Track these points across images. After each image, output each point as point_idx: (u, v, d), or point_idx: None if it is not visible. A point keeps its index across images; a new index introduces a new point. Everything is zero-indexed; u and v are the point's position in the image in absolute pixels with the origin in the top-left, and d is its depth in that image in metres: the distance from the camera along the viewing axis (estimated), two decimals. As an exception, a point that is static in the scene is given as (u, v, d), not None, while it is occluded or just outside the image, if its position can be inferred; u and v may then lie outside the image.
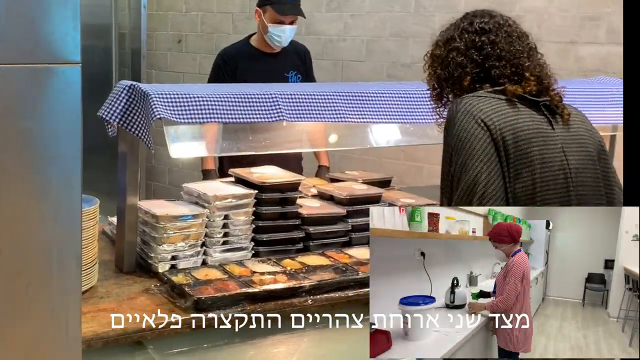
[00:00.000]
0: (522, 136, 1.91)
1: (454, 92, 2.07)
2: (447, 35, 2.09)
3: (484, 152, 1.87)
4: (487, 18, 2.05)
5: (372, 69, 5.42)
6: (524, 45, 2.04)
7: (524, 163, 1.90)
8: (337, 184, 3.26)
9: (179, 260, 2.59)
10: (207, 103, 2.50)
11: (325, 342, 2.42)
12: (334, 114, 2.74)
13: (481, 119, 1.90)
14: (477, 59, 2.01)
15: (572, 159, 1.98)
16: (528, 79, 1.98)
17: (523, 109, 1.96)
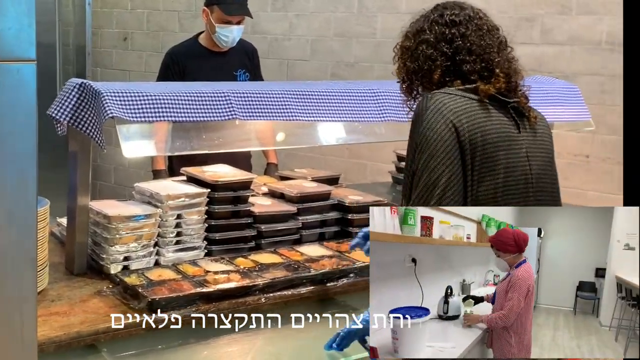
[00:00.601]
0: (490, 140, 1.86)
1: (424, 85, 1.99)
2: (416, 27, 2.01)
3: (448, 155, 1.82)
4: (457, 10, 1.98)
5: (317, 68, 5.38)
6: (494, 39, 1.97)
7: (489, 167, 1.86)
8: (288, 181, 3.20)
9: (132, 261, 2.49)
10: (160, 102, 2.42)
11: (279, 340, 2.37)
12: (286, 112, 2.69)
13: (450, 120, 1.84)
14: (448, 52, 1.93)
15: (534, 164, 1.94)
16: (498, 76, 1.91)
17: (493, 112, 1.90)
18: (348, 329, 2.09)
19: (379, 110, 2.93)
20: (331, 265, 2.60)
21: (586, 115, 3.65)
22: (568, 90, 3.58)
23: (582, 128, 3.82)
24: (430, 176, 1.82)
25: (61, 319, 2.13)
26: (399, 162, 3.61)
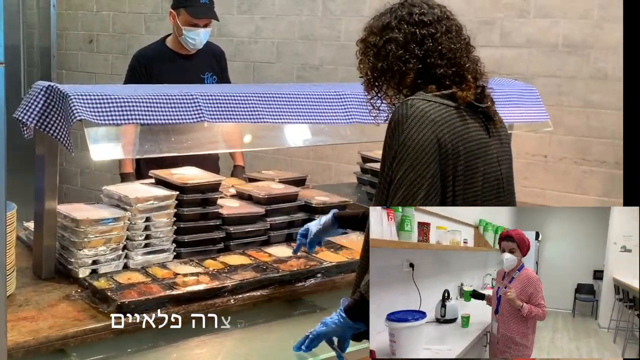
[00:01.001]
0: (470, 149, 1.82)
1: (391, 86, 1.92)
2: (382, 22, 1.92)
3: (428, 168, 1.76)
4: (426, 9, 1.91)
5: (283, 71, 5.36)
6: (462, 41, 1.91)
7: (470, 176, 1.82)
8: (255, 183, 3.18)
9: (100, 264, 2.44)
10: (129, 104, 2.37)
11: (248, 341, 2.35)
12: (254, 115, 2.67)
13: (433, 131, 1.78)
14: (419, 53, 1.86)
15: (503, 167, 1.92)
16: (468, 81, 1.86)
17: (469, 119, 1.85)
18: (317, 331, 2.05)
19: (344, 112, 2.92)
20: (299, 266, 2.59)
21: (544, 116, 3.69)
22: (527, 92, 3.61)
23: (541, 129, 3.86)
24: (409, 189, 1.76)
25: (29, 324, 2.08)
26: (364, 163, 3.61)
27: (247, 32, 5.50)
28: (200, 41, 3.76)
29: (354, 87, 3.23)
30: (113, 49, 6.06)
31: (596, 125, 4.47)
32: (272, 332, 2.39)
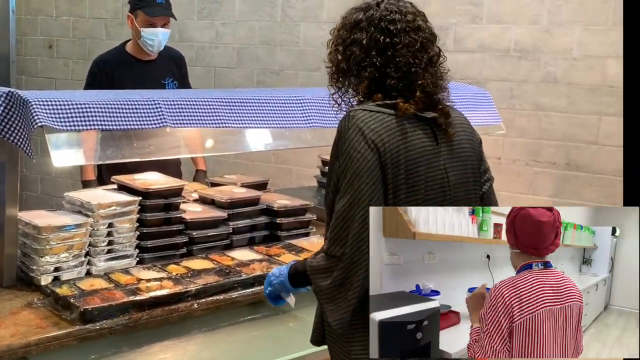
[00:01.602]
0: (410, 157, 1.82)
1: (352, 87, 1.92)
2: (355, 18, 1.89)
3: (371, 175, 1.78)
4: (397, 16, 1.86)
5: (243, 76, 5.32)
6: (424, 56, 1.86)
7: (411, 184, 1.82)
8: (218, 188, 3.15)
9: (63, 271, 2.39)
10: (90, 110, 2.33)
11: (212, 345, 2.32)
12: (216, 119, 2.64)
13: (372, 140, 1.79)
14: (377, 62, 1.84)
15: (451, 175, 1.90)
16: (417, 98, 1.85)
17: (412, 127, 1.85)
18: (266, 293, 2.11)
19: (304, 116, 2.91)
20: (261, 269, 2.56)
21: (497, 120, 3.73)
22: (480, 96, 3.64)
23: (494, 132, 3.90)
24: (353, 195, 1.78)
25: (-9, 332, 2.02)
26: (324, 167, 3.60)
27: (208, 37, 5.45)
28: (159, 42, 3.68)
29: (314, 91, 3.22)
30: (73, 54, 5.95)
31: (547, 127, 4.53)
32: (235, 335, 2.36)
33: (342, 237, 1.80)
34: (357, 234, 1.78)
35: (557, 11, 4.44)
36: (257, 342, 2.39)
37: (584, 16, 4.38)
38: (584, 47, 4.40)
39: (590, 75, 4.39)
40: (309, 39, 5.10)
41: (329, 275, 1.83)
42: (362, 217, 1.77)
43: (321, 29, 4.98)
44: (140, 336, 2.22)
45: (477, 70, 4.66)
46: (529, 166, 4.58)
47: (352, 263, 1.79)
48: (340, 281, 1.81)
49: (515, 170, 4.61)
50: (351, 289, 1.80)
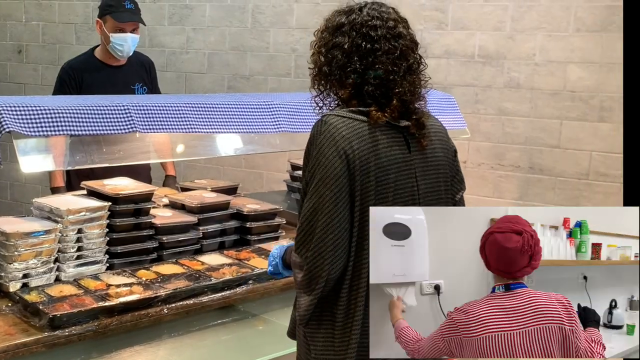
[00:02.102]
0: (381, 164, 1.82)
1: (333, 91, 1.91)
2: (338, 21, 1.87)
3: (337, 182, 1.78)
4: (378, 23, 1.84)
5: (214, 81, 5.30)
6: (403, 64, 1.85)
7: (379, 191, 1.81)
8: (188, 192, 3.12)
9: (31, 278, 2.34)
10: (59, 115, 2.30)
11: (182, 349, 2.30)
12: (186, 125, 2.62)
13: (342, 147, 1.78)
14: (359, 68, 1.83)
15: (422, 183, 1.89)
16: (393, 106, 1.83)
17: (384, 134, 1.83)
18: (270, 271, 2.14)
19: (273, 121, 2.90)
20: (231, 273, 2.55)
21: (462, 124, 3.75)
22: (445, 101, 3.66)
23: (459, 136, 3.92)
24: (318, 201, 1.79)
25: (-42, 340, 1.98)
26: (293, 171, 3.59)
27: (178, 42, 5.41)
28: (128, 47, 3.64)
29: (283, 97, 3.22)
30: (43, 59, 5.86)
31: (510, 132, 4.57)
32: (205, 339, 2.34)
33: (306, 240, 1.83)
34: (319, 240, 1.79)
35: (520, 18, 4.49)
36: (226, 346, 2.37)
37: (546, 23, 4.43)
38: (546, 53, 4.45)
39: (552, 80, 4.44)
40: (279, 45, 5.09)
41: (301, 271, 1.86)
42: (325, 223, 1.78)
43: (291, 34, 4.98)
44: (109, 342, 2.19)
45: (443, 75, 4.69)
46: (494, 170, 4.62)
47: (313, 267, 1.81)
48: (307, 280, 1.84)
49: (480, 174, 4.65)
50: (315, 289, 1.83)
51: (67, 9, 5.76)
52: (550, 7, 4.42)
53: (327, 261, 1.79)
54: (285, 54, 5.03)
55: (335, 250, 1.79)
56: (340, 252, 1.80)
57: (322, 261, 1.79)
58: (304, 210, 1.84)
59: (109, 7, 3.62)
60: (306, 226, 1.82)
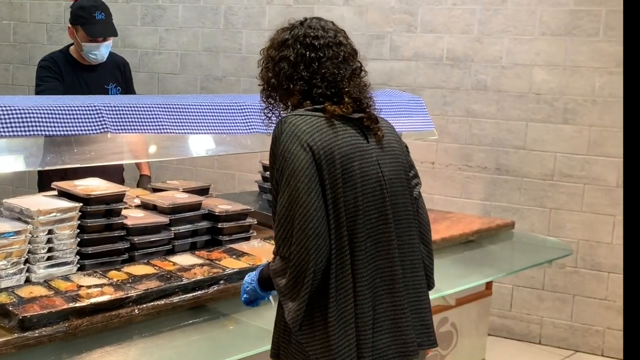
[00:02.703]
0: (344, 152, 1.87)
1: (281, 100, 2.01)
2: (282, 38, 1.97)
3: (306, 173, 1.82)
4: (320, 32, 1.96)
5: (187, 82, 5.26)
6: (348, 67, 1.96)
7: (347, 178, 1.87)
8: (160, 193, 3.08)
9: (1, 279, 2.29)
10: (30, 116, 2.26)
11: (153, 350, 2.27)
12: (157, 125, 2.60)
13: (305, 140, 1.84)
14: (305, 75, 1.92)
15: (385, 170, 1.95)
16: (345, 103, 1.92)
17: (341, 127, 1.91)
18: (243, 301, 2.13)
19: (245, 122, 2.89)
20: (202, 274, 2.52)
21: (429, 126, 3.77)
22: (413, 103, 3.67)
23: (427, 137, 3.95)
24: (292, 194, 1.82)
25: None
26: (265, 172, 3.58)
27: (151, 43, 5.36)
28: (101, 55, 3.60)
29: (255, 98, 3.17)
30: (14, 58, 5.77)
31: (477, 133, 4.61)
32: (176, 340, 2.32)
33: (287, 237, 1.84)
34: (300, 231, 1.80)
35: (487, 21, 4.53)
36: (198, 346, 2.35)
37: (513, 27, 4.48)
38: (512, 56, 4.50)
39: (518, 83, 4.49)
40: (251, 46, 5.07)
41: (285, 275, 1.86)
42: (303, 215, 1.80)
43: (263, 36, 4.96)
44: (80, 343, 2.15)
45: (412, 77, 4.71)
46: (461, 170, 4.65)
47: (299, 260, 1.81)
48: (294, 280, 1.83)
49: (448, 175, 4.68)
50: (304, 286, 1.82)
51: (39, 8, 5.68)
52: (516, 11, 4.47)
53: (312, 251, 1.80)
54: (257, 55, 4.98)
55: (317, 239, 1.81)
56: (322, 240, 1.82)
57: (307, 252, 1.80)
58: (278, 208, 1.85)
59: (80, 18, 3.55)
60: (284, 222, 1.83)
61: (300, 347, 1.89)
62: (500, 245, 3.70)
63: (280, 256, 1.87)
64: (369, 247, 1.91)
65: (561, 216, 4.46)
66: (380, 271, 1.94)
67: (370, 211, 1.91)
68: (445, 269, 3.27)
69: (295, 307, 1.85)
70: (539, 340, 4.62)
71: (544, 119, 4.45)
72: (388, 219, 1.94)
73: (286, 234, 1.84)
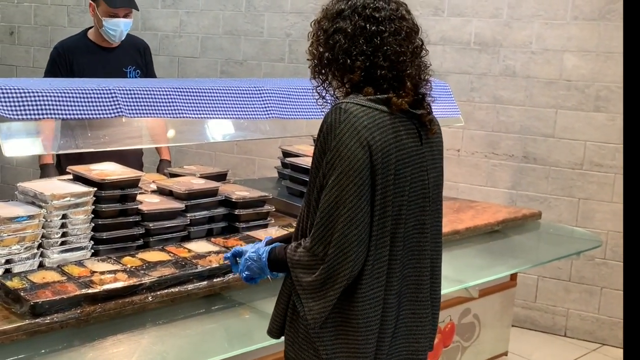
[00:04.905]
0: (400, 157, 1.75)
1: (336, 78, 1.80)
2: (337, 8, 1.78)
3: (360, 175, 1.69)
4: (380, 4, 1.76)
5: (207, 65, 5.23)
6: (411, 44, 1.77)
7: (398, 184, 1.75)
8: (176, 178, 3.06)
9: (14, 264, 2.29)
10: (43, 98, 2.24)
11: (166, 338, 2.25)
12: (173, 109, 2.57)
13: (365, 138, 1.69)
14: (367, 50, 1.73)
15: (431, 177, 1.85)
16: (407, 88, 1.76)
17: (402, 126, 1.76)
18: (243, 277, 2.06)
19: (264, 107, 2.85)
20: (218, 261, 2.50)
21: (456, 112, 3.70)
22: (439, 88, 3.59)
23: (453, 124, 3.88)
24: (340, 194, 1.69)
25: (-64, 327, 1.93)
26: (284, 158, 3.54)
27: (172, 26, 5.34)
28: (121, 32, 3.58)
29: (275, 82, 3.16)
30: (35, 41, 5.79)
31: (505, 120, 4.53)
32: (190, 328, 2.30)
33: (326, 236, 1.72)
34: (342, 235, 1.70)
35: (517, 5, 4.44)
36: (212, 335, 2.33)
37: (543, 10, 4.37)
38: (542, 41, 4.40)
39: (548, 69, 4.39)
40: (273, 30, 5.02)
41: (311, 272, 1.75)
42: (348, 218, 1.69)
43: (285, 19, 4.92)
44: (92, 329, 2.14)
45: (438, 62, 4.64)
46: (488, 158, 4.57)
47: (335, 264, 1.71)
48: (323, 280, 1.74)
49: (474, 162, 4.61)
50: (332, 289, 1.73)
51: (60, -10, 5.69)
52: (547, -6, 4.36)
53: (351, 257, 1.70)
54: (279, 38, 4.97)
55: (358, 246, 1.71)
56: (363, 248, 1.72)
57: (345, 258, 1.70)
58: (322, 205, 1.73)
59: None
60: (325, 221, 1.71)
61: (309, 340, 1.82)
62: (527, 235, 3.63)
63: (313, 253, 1.75)
64: (401, 256, 1.81)
65: (590, 206, 4.37)
66: (408, 279, 1.85)
67: (410, 219, 1.81)
68: (469, 260, 3.22)
69: (319, 307, 1.76)
70: (564, 333, 4.55)
71: (575, 106, 4.35)
72: (425, 229, 1.84)
73: (325, 233, 1.72)
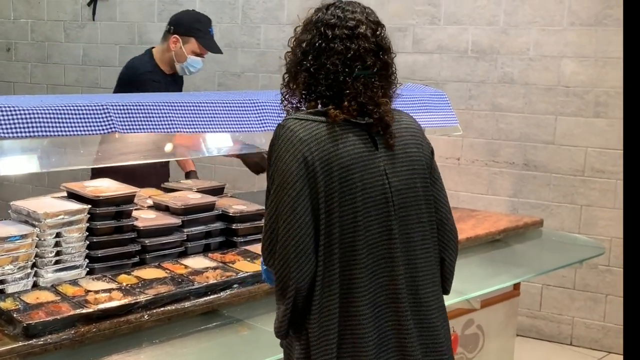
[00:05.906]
0: (343, 164, 1.74)
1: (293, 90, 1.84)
2: (307, 19, 1.83)
3: (294, 187, 1.71)
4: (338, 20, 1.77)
5: (205, 78, 5.21)
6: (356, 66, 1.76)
7: (345, 191, 1.74)
8: (172, 193, 3.02)
9: (7, 284, 2.25)
10: (34, 116, 2.21)
11: (163, 357, 2.21)
12: (167, 124, 2.53)
13: (299, 150, 1.72)
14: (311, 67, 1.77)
15: (394, 180, 1.81)
16: (345, 106, 1.76)
17: (343, 134, 1.77)
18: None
19: (259, 120, 2.82)
20: (215, 277, 2.45)
21: (453, 121, 3.66)
22: (436, 97, 3.57)
23: (451, 133, 3.84)
24: (277, 207, 1.73)
25: None
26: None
27: (168, 39, 5.32)
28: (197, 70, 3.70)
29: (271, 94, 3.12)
30: (32, 57, 5.77)
31: (504, 128, 4.49)
32: (187, 347, 2.25)
33: (271, 249, 1.77)
34: (282, 247, 1.73)
35: (514, 12, 4.41)
36: (210, 353, 2.28)
37: (540, 17, 4.35)
38: (540, 48, 4.37)
39: (546, 75, 4.36)
40: (270, 41, 5.00)
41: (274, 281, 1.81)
42: (285, 229, 1.72)
43: (282, 30, 4.89)
44: (87, 350, 2.10)
45: (435, 71, 4.61)
46: (488, 166, 4.54)
47: (282, 275, 1.75)
48: (280, 290, 1.77)
49: (474, 171, 4.57)
50: (286, 299, 1.76)
51: (56, 6, 5.67)
52: (544, 0, 4.34)
53: (293, 269, 1.72)
54: (276, 50, 4.95)
55: (299, 257, 1.72)
56: (304, 258, 1.73)
57: (288, 269, 1.73)
58: (264, 218, 1.79)
59: (197, 31, 3.59)
60: (270, 234, 1.76)
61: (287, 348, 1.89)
62: (529, 244, 3.59)
63: (267, 264, 1.81)
64: (369, 264, 1.78)
65: (593, 213, 4.33)
66: (384, 289, 1.81)
67: (372, 226, 1.78)
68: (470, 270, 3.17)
69: (280, 315, 1.79)
70: (570, 341, 4.49)
71: (574, 112, 4.32)
72: (393, 234, 1.80)
73: (271, 247, 1.77)
